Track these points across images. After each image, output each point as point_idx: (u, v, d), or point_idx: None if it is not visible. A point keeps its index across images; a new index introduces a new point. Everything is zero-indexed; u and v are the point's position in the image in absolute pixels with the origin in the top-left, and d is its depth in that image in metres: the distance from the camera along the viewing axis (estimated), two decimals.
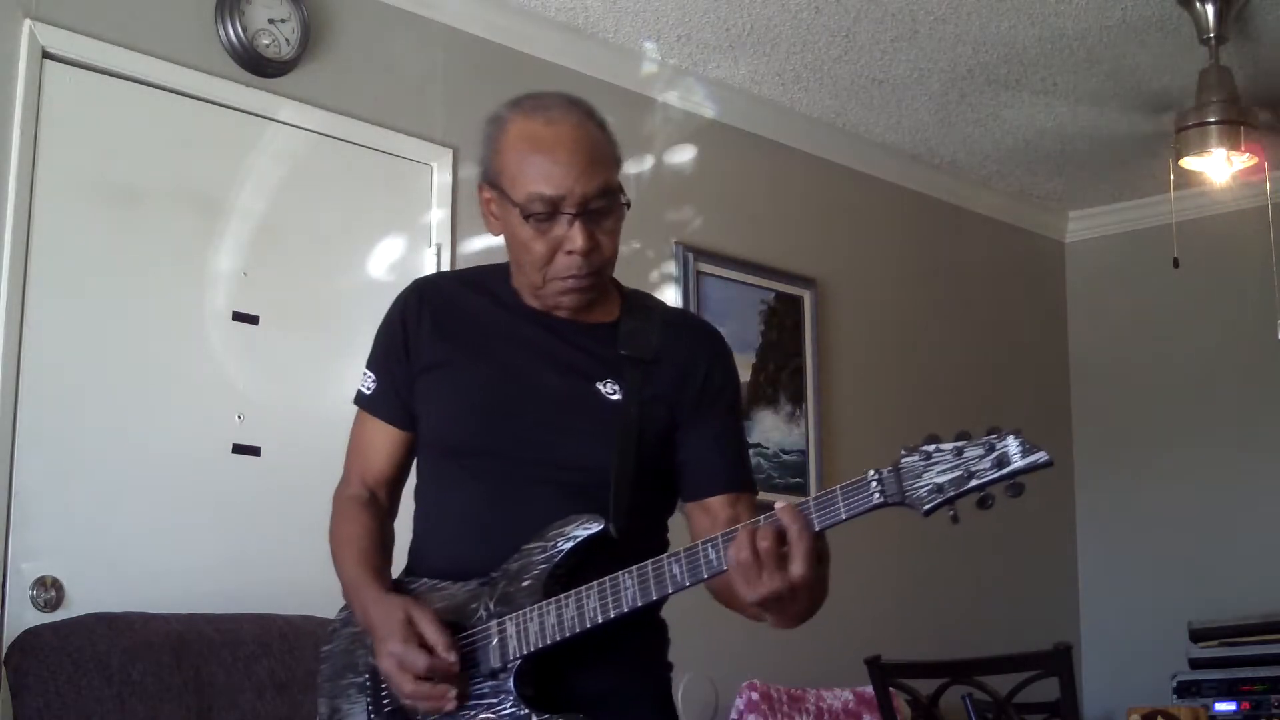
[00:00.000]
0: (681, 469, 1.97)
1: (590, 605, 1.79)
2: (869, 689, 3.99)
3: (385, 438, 2.08)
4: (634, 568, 1.77)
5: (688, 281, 4.53)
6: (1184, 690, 4.84)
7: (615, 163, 1.95)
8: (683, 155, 4.58)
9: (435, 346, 2.01)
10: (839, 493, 1.67)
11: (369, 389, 2.08)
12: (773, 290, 4.85)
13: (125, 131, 3.36)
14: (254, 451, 3.47)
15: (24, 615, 2.99)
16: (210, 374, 3.42)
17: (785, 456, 4.76)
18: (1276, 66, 4.56)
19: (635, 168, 4.42)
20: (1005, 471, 1.61)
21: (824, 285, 5.04)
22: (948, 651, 3.90)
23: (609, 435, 1.90)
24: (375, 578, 1.97)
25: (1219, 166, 4.32)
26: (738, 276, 4.71)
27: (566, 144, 1.89)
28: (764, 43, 4.39)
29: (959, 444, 1.64)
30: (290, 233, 3.63)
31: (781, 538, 1.67)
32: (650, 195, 4.44)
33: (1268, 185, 4.84)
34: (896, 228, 5.42)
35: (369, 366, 2.09)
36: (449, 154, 3.96)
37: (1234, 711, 4.74)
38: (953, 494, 1.64)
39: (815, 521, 1.67)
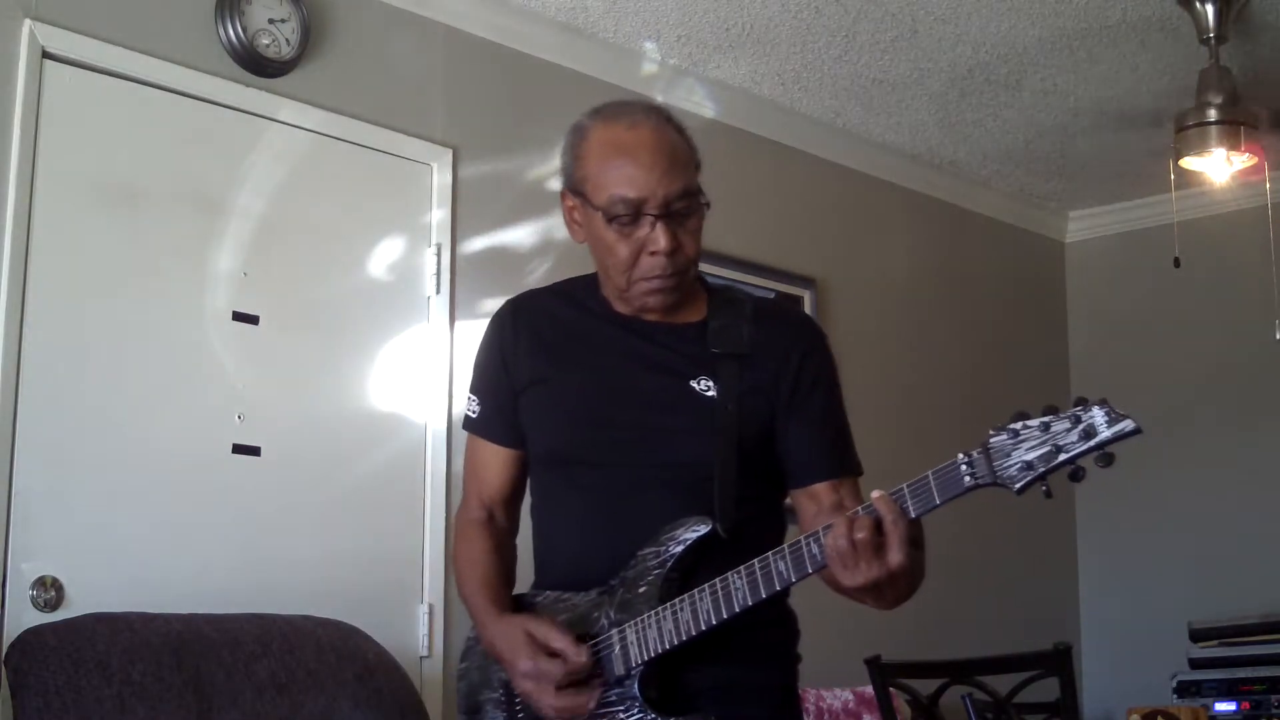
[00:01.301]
0: (784, 458, 2.00)
1: (704, 607, 1.82)
2: (869, 689, 3.99)
3: (497, 458, 2.11)
4: (743, 567, 1.81)
5: None
6: (1184, 690, 4.84)
7: (695, 165, 2.00)
8: None
9: (533, 363, 2.05)
10: (930, 478, 1.70)
11: (475, 412, 2.12)
12: (773, 290, 4.84)
13: (125, 131, 3.35)
14: (254, 451, 3.47)
15: (24, 615, 2.99)
16: (210, 374, 3.42)
17: None
18: (1276, 66, 4.56)
19: None
20: (1093, 443, 1.64)
21: (824, 285, 5.04)
22: (948, 651, 3.90)
23: (708, 432, 1.93)
24: (493, 602, 2.02)
25: (1219, 166, 4.31)
26: (738, 276, 4.70)
27: (648, 147, 1.94)
28: (764, 43, 4.39)
29: (1046, 419, 1.66)
30: (290, 233, 3.63)
31: (878, 527, 1.71)
32: None
33: (1268, 185, 4.84)
34: (896, 228, 5.42)
35: (473, 390, 2.13)
36: (449, 154, 3.96)
37: (1234, 711, 4.74)
38: (1043, 470, 1.66)
39: (911, 509, 1.71)
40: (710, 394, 1.95)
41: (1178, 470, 5.65)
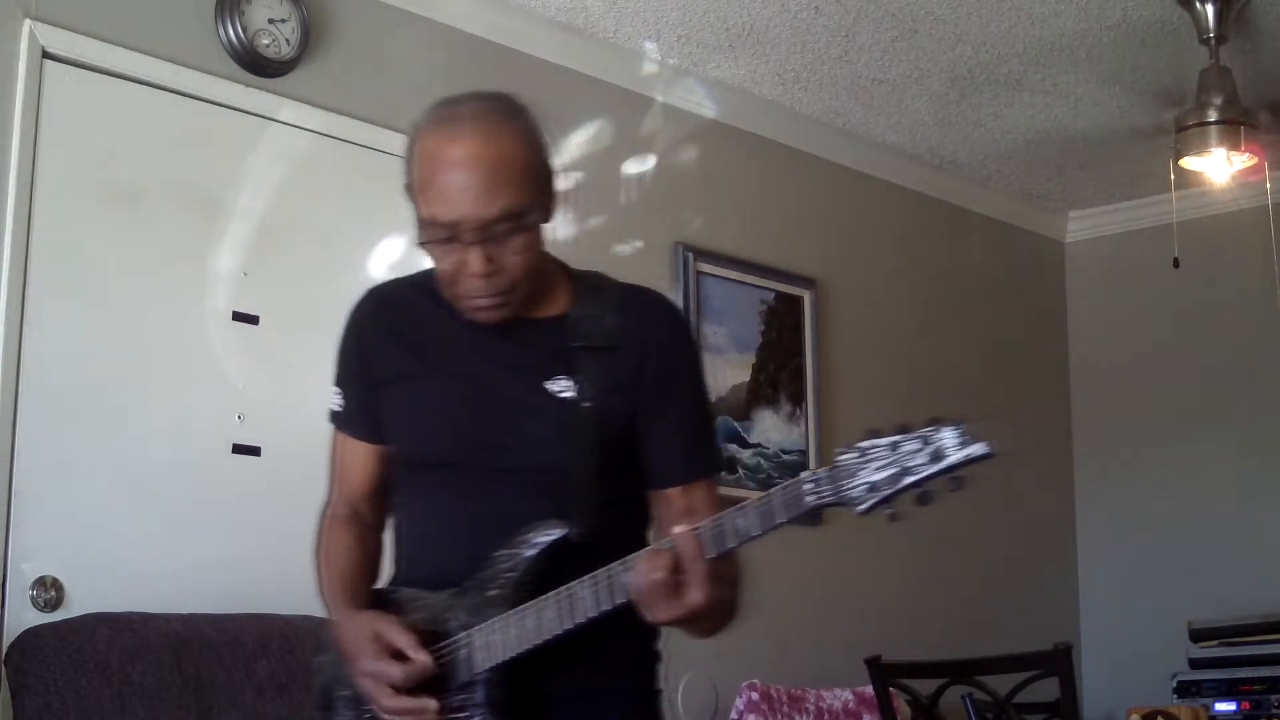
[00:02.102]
0: (641, 459, 1.92)
1: (548, 617, 1.76)
2: (869, 689, 3.99)
3: (361, 453, 2.03)
4: (588, 578, 1.74)
5: (688, 281, 4.53)
6: (1184, 690, 4.84)
7: (528, 178, 1.83)
8: (683, 155, 4.58)
9: (392, 360, 1.97)
10: (773, 496, 1.63)
11: (339, 406, 2.04)
12: (773, 290, 4.85)
13: (125, 131, 3.36)
14: (254, 451, 3.47)
15: (24, 615, 2.99)
16: (210, 374, 3.42)
17: (785, 456, 4.76)
18: (1276, 66, 4.56)
19: (635, 168, 4.43)
20: (940, 467, 1.55)
21: (824, 285, 5.04)
22: (948, 651, 3.90)
23: (565, 435, 1.85)
24: (347, 599, 1.95)
25: (1219, 166, 4.31)
26: (738, 276, 4.71)
27: (465, 166, 1.79)
28: (764, 43, 4.39)
29: (895, 438, 1.59)
30: (290, 233, 3.63)
31: (679, 565, 1.65)
32: (650, 195, 4.44)
33: (1268, 185, 4.84)
34: (896, 228, 5.42)
35: (336, 383, 2.05)
36: None
37: (1234, 711, 4.74)
38: (888, 492, 1.57)
39: (710, 547, 1.65)
40: (567, 395, 1.85)
41: (1178, 470, 5.65)
